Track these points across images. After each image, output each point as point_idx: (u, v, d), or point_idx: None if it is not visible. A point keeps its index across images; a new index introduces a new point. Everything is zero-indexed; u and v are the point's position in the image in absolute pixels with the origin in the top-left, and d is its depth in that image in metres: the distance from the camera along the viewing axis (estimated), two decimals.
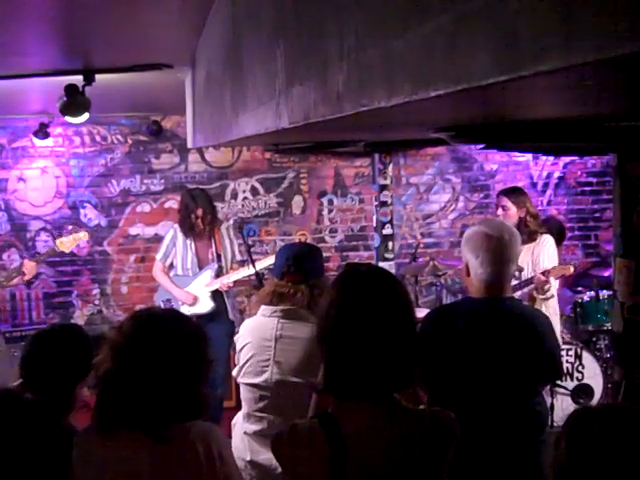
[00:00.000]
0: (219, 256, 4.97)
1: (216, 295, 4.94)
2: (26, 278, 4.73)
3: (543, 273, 4.19)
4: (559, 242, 5.37)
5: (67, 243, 4.92)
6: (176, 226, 5.06)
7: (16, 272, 4.73)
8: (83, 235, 5.07)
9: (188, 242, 4.97)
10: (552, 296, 4.34)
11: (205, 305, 4.92)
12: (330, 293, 1.80)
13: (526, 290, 4.27)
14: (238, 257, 5.14)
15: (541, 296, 4.30)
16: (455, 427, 1.73)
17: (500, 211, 4.41)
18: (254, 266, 4.33)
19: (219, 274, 4.95)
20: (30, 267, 4.68)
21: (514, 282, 4.23)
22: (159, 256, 5.09)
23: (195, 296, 4.91)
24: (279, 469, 2.51)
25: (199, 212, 4.89)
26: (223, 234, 5.04)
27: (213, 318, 4.80)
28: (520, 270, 4.21)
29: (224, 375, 4.71)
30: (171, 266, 5.08)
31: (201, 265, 4.99)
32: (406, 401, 1.76)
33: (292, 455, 1.73)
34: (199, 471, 1.73)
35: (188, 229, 4.93)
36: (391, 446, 1.66)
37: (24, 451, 1.87)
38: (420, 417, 1.72)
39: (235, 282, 5.00)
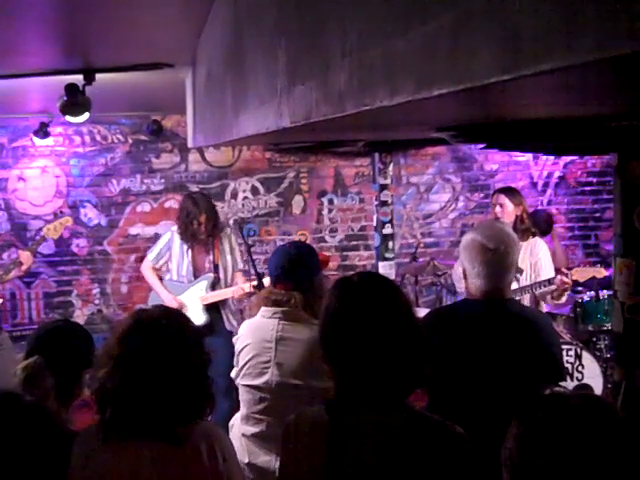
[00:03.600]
0: (216, 266, 4.75)
1: (210, 306, 4.71)
2: (24, 268, 4.68)
3: (565, 274, 4.03)
4: (547, 232, 5.40)
5: (53, 229, 4.96)
6: (174, 229, 4.82)
7: (13, 264, 4.72)
8: (65, 220, 5.06)
9: (185, 248, 4.74)
10: (564, 302, 4.35)
11: (198, 317, 4.61)
12: (325, 305, 1.77)
13: (542, 291, 4.18)
14: (240, 265, 4.88)
15: (555, 302, 4.26)
16: (463, 443, 1.66)
17: (498, 209, 4.42)
18: (254, 266, 4.30)
19: (215, 285, 4.74)
20: (26, 256, 4.65)
21: (526, 283, 4.21)
22: (151, 256, 4.89)
23: (181, 303, 4.66)
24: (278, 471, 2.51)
25: (202, 218, 4.64)
26: (224, 243, 4.78)
27: (209, 331, 4.49)
28: (520, 271, 4.20)
29: (228, 387, 4.48)
30: (167, 270, 4.89)
31: (197, 274, 4.76)
32: None
33: (294, 438, 1.74)
34: (202, 471, 1.73)
35: (190, 236, 4.69)
36: (394, 449, 1.64)
37: (22, 453, 1.87)
38: (428, 425, 1.68)
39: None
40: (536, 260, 4.30)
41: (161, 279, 4.92)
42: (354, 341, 1.67)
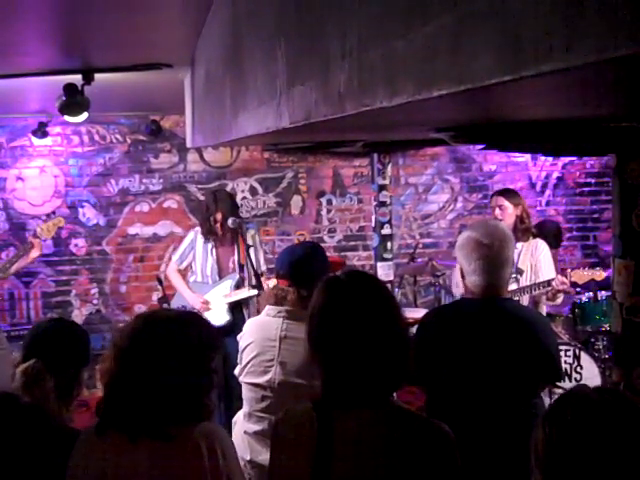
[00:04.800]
0: (241, 266, 4.65)
1: (234, 307, 4.69)
2: (36, 254, 4.82)
3: (564, 275, 4.10)
4: (556, 245, 5.38)
5: (46, 229, 5.02)
6: (197, 229, 4.83)
7: (15, 257, 4.80)
8: (58, 220, 5.18)
9: (209, 247, 4.71)
10: (560, 303, 4.36)
11: (221, 318, 4.62)
12: (312, 303, 1.80)
13: (539, 292, 4.20)
14: (263, 267, 4.80)
15: (550, 302, 4.28)
16: (448, 440, 1.67)
17: (498, 211, 4.43)
18: (253, 267, 4.30)
19: (240, 285, 4.66)
20: (37, 242, 4.80)
21: (525, 284, 4.22)
22: (175, 257, 4.90)
23: (206, 300, 4.65)
24: None
25: (218, 216, 4.62)
26: (248, 243, 4.63)
27: (231, 332, 4.34)
28: (521, 272, 4.20)
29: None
30: (191, 271, 4.87)
31: (222, 274, 4.73)
32: None
33: (282, 436, 1.76)
34: (202, 470, 1.73)
35: (207, 232, 4.69)
36: (380, 446, 1.65)
37: (20, 454, 1.87)
38: (413, 422, 1.69)
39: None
40: (536, 261, 4.31)
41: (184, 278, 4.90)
42: (340, 338, 1.69)
